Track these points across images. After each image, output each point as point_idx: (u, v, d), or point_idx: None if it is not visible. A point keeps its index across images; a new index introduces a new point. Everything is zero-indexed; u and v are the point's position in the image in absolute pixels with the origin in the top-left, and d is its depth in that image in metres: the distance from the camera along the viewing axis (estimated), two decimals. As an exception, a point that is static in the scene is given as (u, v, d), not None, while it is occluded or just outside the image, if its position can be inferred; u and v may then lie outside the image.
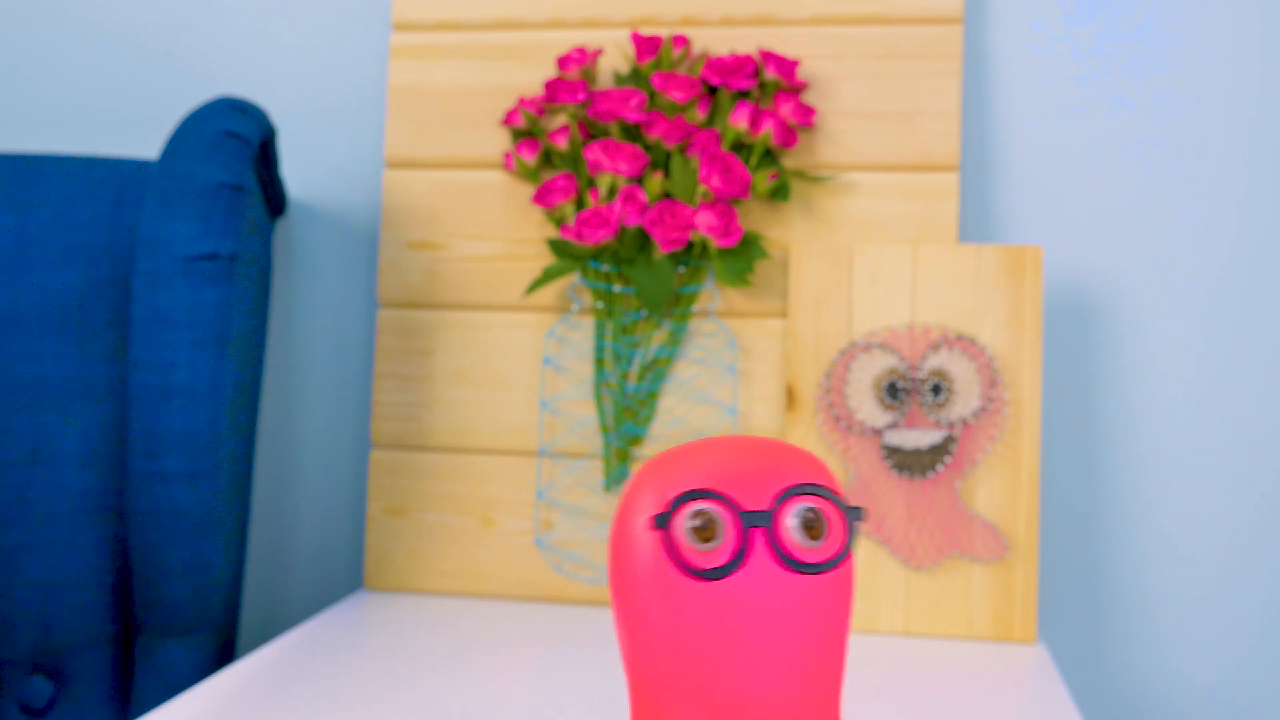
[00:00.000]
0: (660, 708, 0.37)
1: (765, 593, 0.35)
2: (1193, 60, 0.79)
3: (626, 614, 0.37)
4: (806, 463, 0.38)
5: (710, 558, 0.35)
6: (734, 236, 0.73)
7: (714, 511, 0.36)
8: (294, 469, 0.87)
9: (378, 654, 0.64)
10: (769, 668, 0.36)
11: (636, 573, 0.37)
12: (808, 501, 0.36)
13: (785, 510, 0.36)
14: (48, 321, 0.72)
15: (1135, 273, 0.79)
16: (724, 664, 0.36)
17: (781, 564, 0.35)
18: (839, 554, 0.36)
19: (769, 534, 0.36)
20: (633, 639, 0.37)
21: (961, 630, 0.71)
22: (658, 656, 0.37)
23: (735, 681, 0.36)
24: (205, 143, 0.71)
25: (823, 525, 0.36)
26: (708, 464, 0.37)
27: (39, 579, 0.71)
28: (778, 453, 0.38)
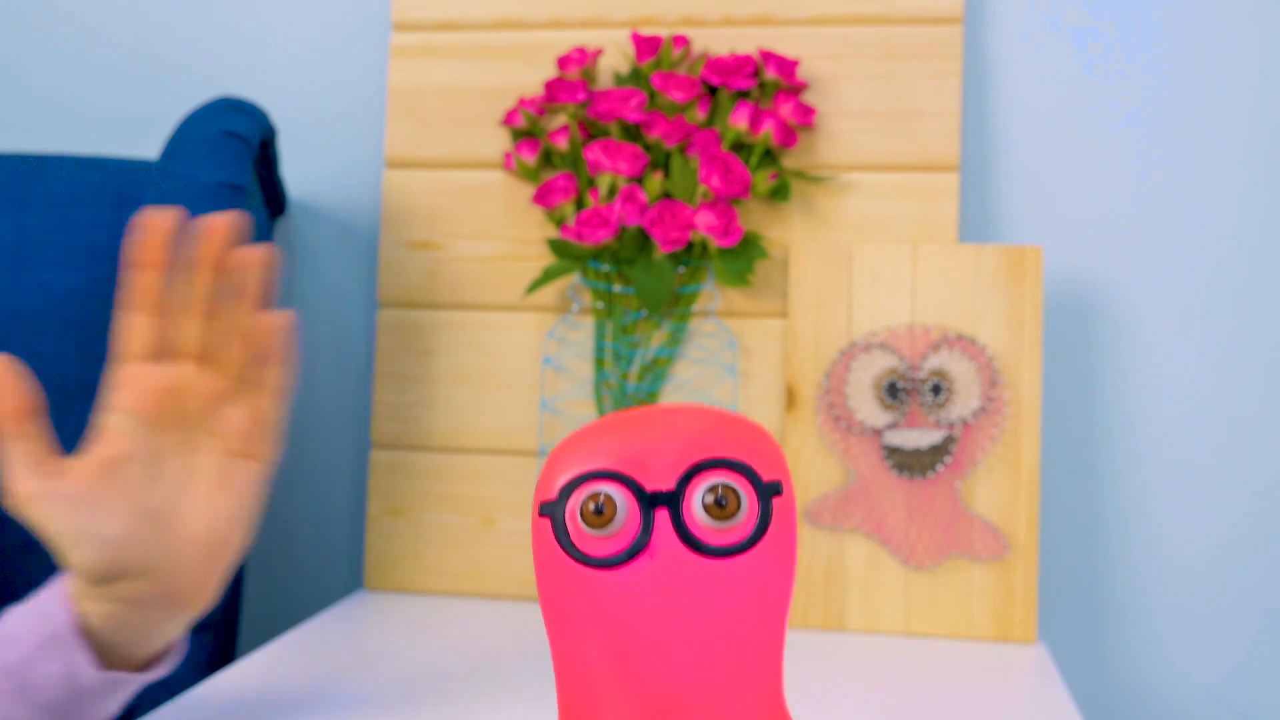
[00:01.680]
0: (583, 704, 0.34)
1: (671, 580, 0.32)
2: (1193, 60, 0.79)
3: (543, 607, 0.35)
4: (725, 432, 0.34)
5: (607, 544, 0.32)
6: (734, 236, 0.73)
7: (611, 493, 0.32)
8: (294, 469, 0.87)
9: (378, 654, 0.64)
10: (688, 660, 0.32)
11: (540, 563, 0.34)
12: (719, 477, 0.32)
13: (694, 488, 0.32)
14: (48, 321, 0.72)
15: (1135, 273, 0.79)
16: (641, 658, 0.33)
17: (689, 548, 0.32)
18: (752, 534, 0.32)
19: (674, 515, 0.32)
20: (549, 632, 0.35)
21: (961, 630, 0.71)
22: (571, 651, 0.34)
23: (656, 676, 0.33)
24: (205, 143, 0.71)
25: (735, 503, 0.32)
26: (610, 441, 0.34)
27: (39, 579, 0.71)
28: (691, 422, 0.34)
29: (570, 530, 0.33)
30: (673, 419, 0.34)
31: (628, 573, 0.32)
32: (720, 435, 0.34)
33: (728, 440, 0.33)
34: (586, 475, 0.33)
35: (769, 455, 0.34)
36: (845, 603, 0.72)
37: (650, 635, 0.32)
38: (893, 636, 0.71)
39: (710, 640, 0.32)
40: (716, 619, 0.32)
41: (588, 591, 0.33)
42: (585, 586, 0.33)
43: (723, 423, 0.34)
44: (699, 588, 0.32)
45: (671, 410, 0.35)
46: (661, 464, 0.33)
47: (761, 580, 0.33)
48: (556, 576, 0.33)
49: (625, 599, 0.32)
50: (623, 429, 0.34)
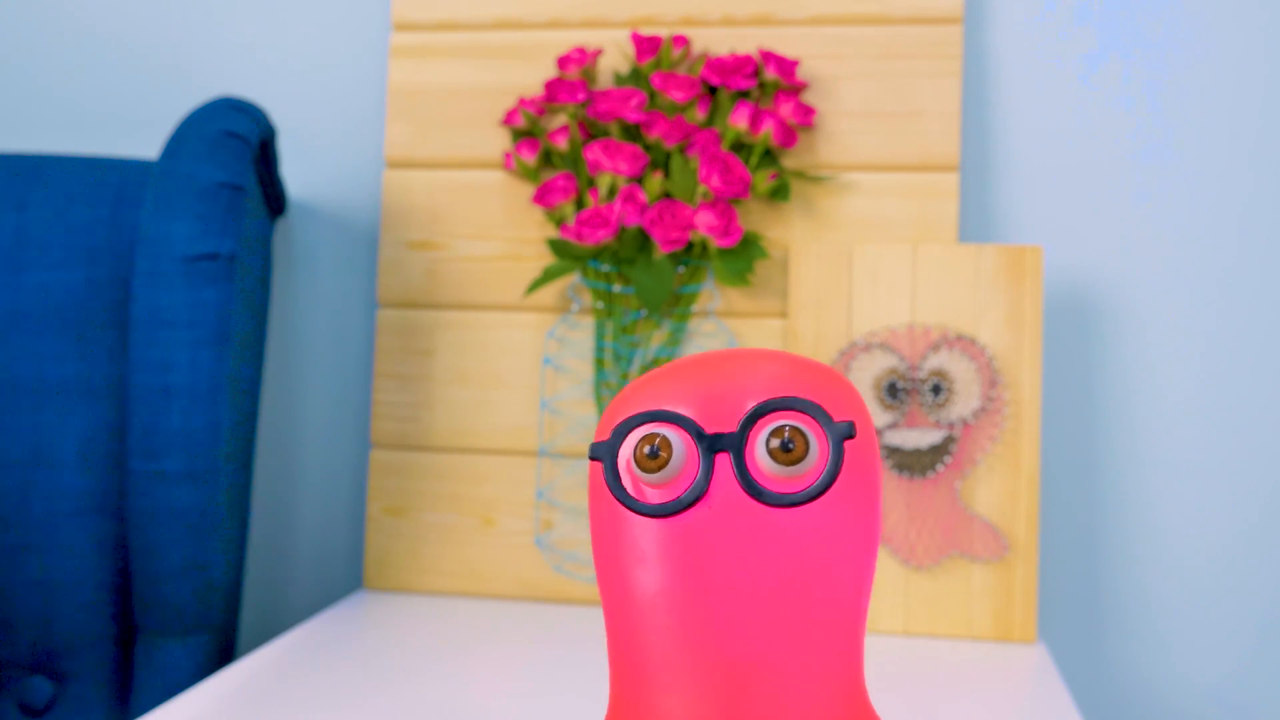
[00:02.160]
0: (635, 663, 0.30)
1: (732, 531, 0.29)
2: (1193, 60, 0.79)
3: (597, 560, 0.32)
4: (793, 372, 0.31)
5: (664, 490, 0.29)
6: (734, 236, 0.73)
7: (667, 435, 0.29)
8: (294, 469, 0.87)
9: (378, 654, 0.64)
10: (750, 620, 0.29)
11: (595, 513, 0.31)
12: (787, 418, 0.29)
13: (758, 431, 0.29)
14: (48, 321, 0.72)
15: (1135, 273, 0.79)
16: (699, 616, 0.29)
17: (751, 495, 0.29)
18: (822, 481, 0.29)
19: (736, 459, 0.29)
20: (604, 589, 0.31)
21: (961, 630, 0.71)
22: (624, 606, 0.30)
23: (715, 637, 0.29)
24: (205, 143, 0.71)
25: (803, 447, 0.29)
26: (672, 382, 0.31)
27: (39, 579, 0.71)
28: (758, 363, 0.31)
29: (623, 475, 0.30)
30: (740, 361, 0.31)
31: (684, 522, 0.29)
32: (788, 375, 0.30)
33: (796, 380, 0.30)
34: (643, 417, 0.30)
35: (842, 396, 0.30)
36: (845, 603, 0.72)
37: (709, 592, 0.29)
38: (893, 636, 0.71)
39: (775, 599, 0.29)
40: (782, 576, 0.29)
41: (641, 541, 0.30)
42: (639, 536, 0.30)
43: (792, 364, 0.31)
44: (762, 540, 0.29)
45: (740, 353, 0.32)
46: (724, 406, 0.30)
47: (833, 534, 0.29)
48: (609, 524, 0.30)
49: (681, 550, 0.29)
50: (688, 371, 0.31)
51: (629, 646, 0.30)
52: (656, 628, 0.30)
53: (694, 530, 0.29)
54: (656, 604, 0.29)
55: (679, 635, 0.29)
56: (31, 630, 0.72)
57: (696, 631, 0.29)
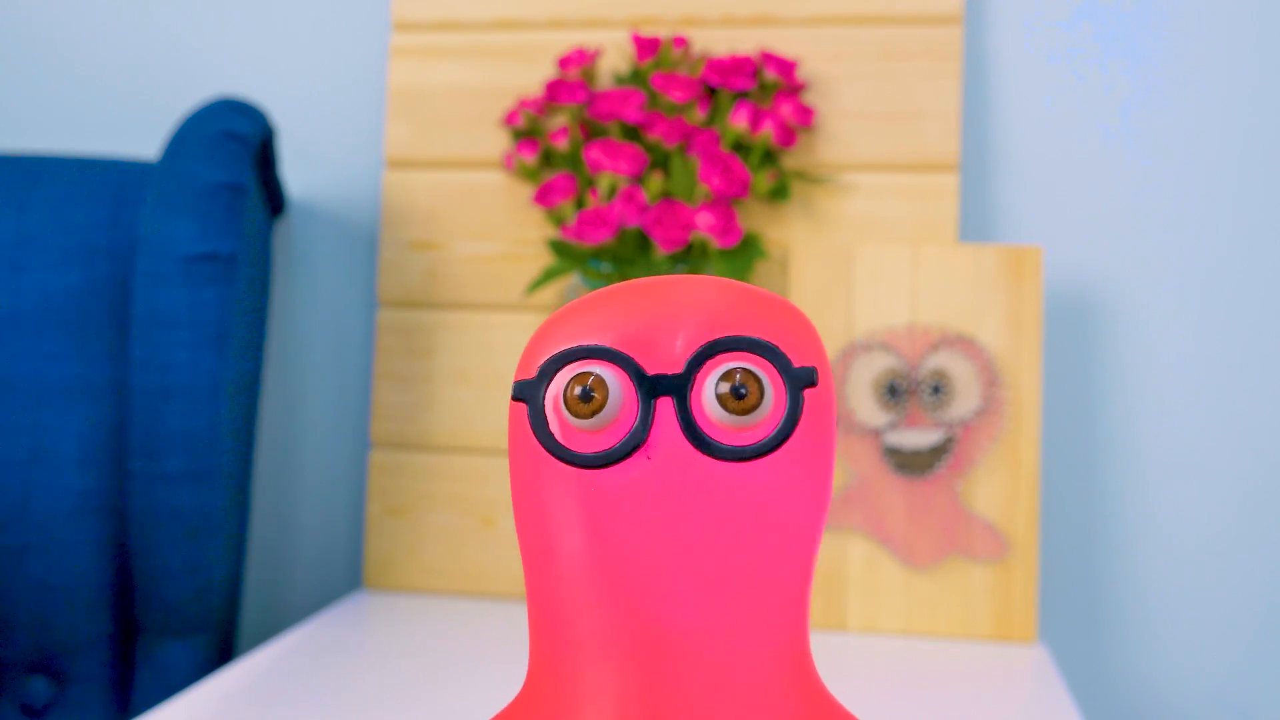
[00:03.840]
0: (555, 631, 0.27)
1: (673, 486, 0.26)
2: (1193, 60, 0.79)
3: (517, 514, 0.28)
4: (749, 308, 0.27)
5: (596, 439, 0.26)
6: (734, 236, 0.73)
7: (603, 374, 0.26)
8: (294, 469, 0.87)
9: (378, 654, 0.64)
10: (689, 585, 0.26)
11: (515, 460, 0.27)
12: (739, 360, 0.26)
13: (707, 374, 0.26)
14: (48, 321, 0.72)
15: (1135, 273, 0.79)
16: (630, 579, 0.26)
17: (696, 447, 0.26)
18: (777, 433, 0.26)
19: (680, 405, 0.26)
20: (523, 545, 0.28)
21: (961, 630, 0.71)
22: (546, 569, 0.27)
23: (648, 602, 0.26)
24: (205, 143, 0.71)
25: (758, 394, 0.25)
26: (612, 314, 0.27)
27: (39, 579, 0.71)
28: (708, 295, 0.27)
29: (550, 419, 0.26)
30: (687, 290, 0.27)
31: (619, 474, 0.26)
32: (741, 310, 0.27)
33: (750, 316, 0.27)
34: (574, 352, 0.26)
35: (802, 338, 0.27)
36: (845, 603, 0.72)
37: (644, 552, 0.26)
38: (893, 636, 0.71)
39: (718, 562, 0.26)
40: (727, 537, 0.26)
41: (569, 495, 0.26)
42: (566, 489, 0.26)
43: (747, 297, 0.27)
44: (707, 497, 0.26)
45: (686, 281, 0.28)
46: (668, 342, 0.26)
47: (786, 492, 0.26)
48: (531, 474, 0.27)
49: (615, 506, 0.26)
50: (625, 299, 0.27)
51: (551, 612, 0.27)
52: (583, 591, 0.26)
53: (630, 483, 0.26)
54: (584, 564, 0.26)
55: (609, 599, 0.26)
56: (31, 630, 0.72)
57: (629, 596, 0.26)
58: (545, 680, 0.28)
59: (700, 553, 0.26)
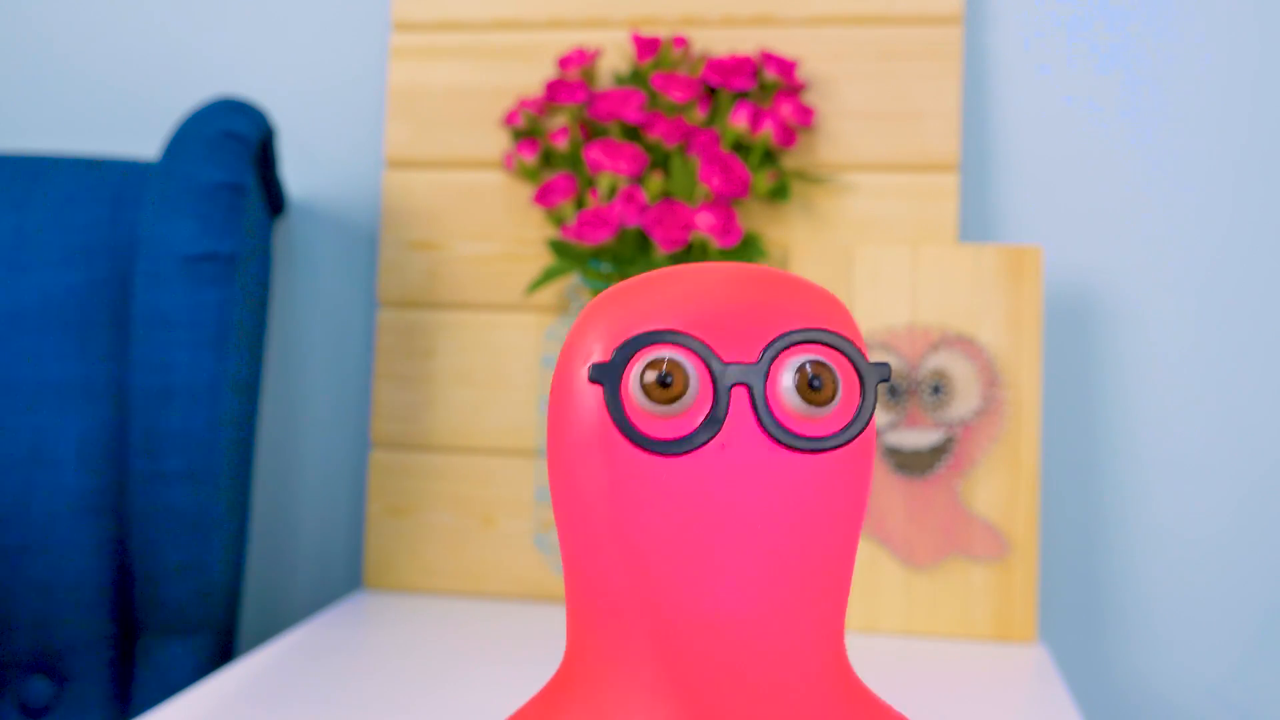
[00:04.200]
0: (601, 624, 0.27)
1: (747, 475, 0.26)
2: (1193, 60, 0.79)
3: (562, 497, 0.28)
4: (816, 300, 0.27)
5: (672, 425, 0.26)
6: (734, 236, 0.73)
7: (681, 361, 0.26)
8: (294, 469, 0.87)
9: (378, 654, 0.64)
10: (748, 577, 0.26)
11: (574, 441, 0.27)
12: (813, 353, 0.26)
13: (781, 364, 0.26)
14: (48, 321, 0.72)
15: (1135, 273, 0.79)
16: (687, 570, 0.26)
17: (771, 437, 0.26)
18: (851, 426, 0.26)
19: (756, 395, 0.26)
20: (569, 531, 0.28)
21: (961, 630, 0.71)
22: (600, 555, 0.27)
23: (700, 594, 0.26)
24: (205, 143, 0.71)
25: (832, 386, 0.26)
26: (678, 296, 0.27)
27: (39, 579, 0.71)
28: (777, 285, 0.27)
29: (625, 403, 0.26)
30: (748, 277, 0.27)
31: (693, 461, 0.26)
32: (811, 301, 0.27)
33: (821, 308, 0.27)
34: (650, 336, 0.26)
35: (858, 332, 0.28)
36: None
37: (708, 540, 0.26)
38: (893, 636, 0.71)
39: (778, 552, 0.26)
40: (791, 528, 0.26)
41: (638, 480, 0.26)
42: (636, 474, 0.26)
43: (807, 287, 0.27)
44: (777, 487, 0.26)
45: (748, 270, 0.28)
46: (743, 331, 0.26)
47: (849, 485, 0.27)
48: (595, 459, 0.26)
49: (686, 493, 0.26)
50: (698, 284, 0.27)
51: (598, 597, 0.27)
52: (641, 577, 0.26)
53: (703, 471, 0.26)
54: (646, 551, 0.26)
55: (668, 586, 0.26)
56: (31, 630, 0.72)
57: (688, 583, 0.26)
58: (585, 665, 0.28)
59: (762, 542, 0.26)
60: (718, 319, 0.26)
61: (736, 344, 0.26)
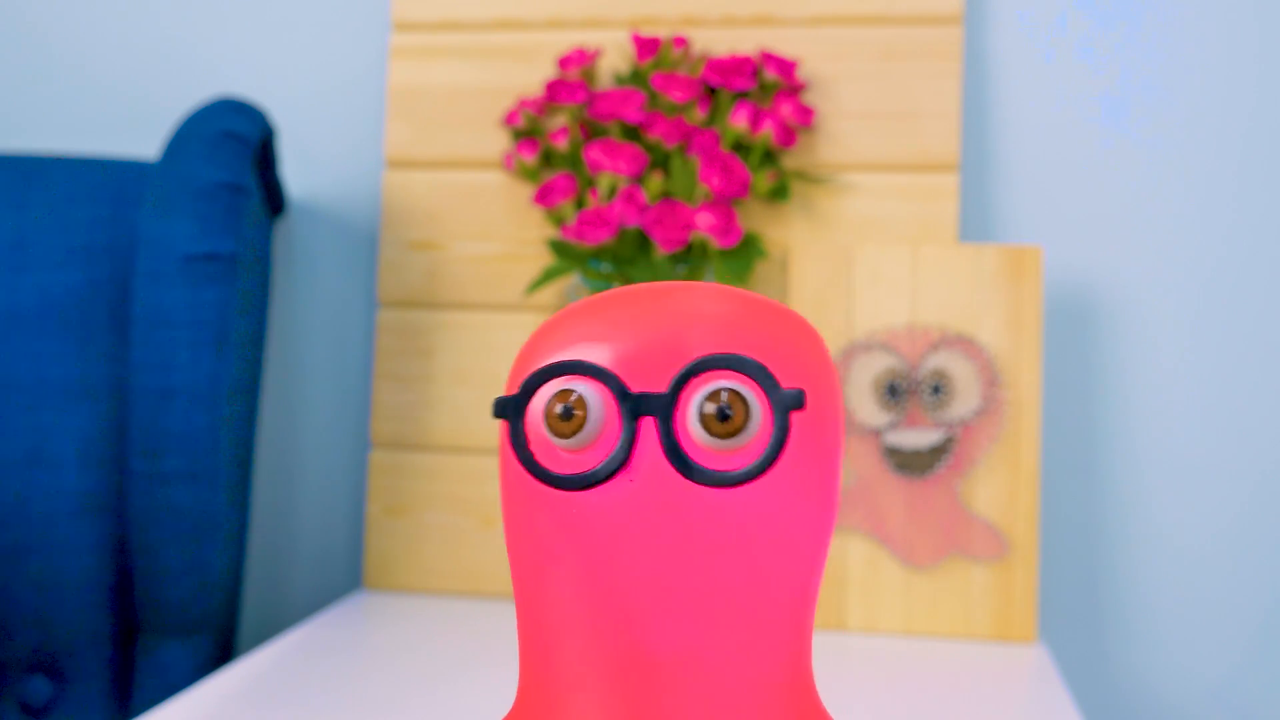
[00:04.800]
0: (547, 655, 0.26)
1: (656, 510, 0.25)
2: (1193, 60, 0.79)
3: (506, 529, 0.27)
4: (739, 319, 0.26)
5: (578, 459, 0.25)
6: (734, 236, 0.73)
7: (584, 392, 0.25)
8: (294, 469, 0.87)
9: (378, 654, 0.64)
10: (674, 612, 0.25)
11: (504, 475, 0.27)
12: (726, 379, 0.25)
13: (689, 393, 0.25)
14: (48, 321, 0.72)
15: (1135, 273, 0.79)
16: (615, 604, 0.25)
17: (679, 470, 0.24)
18: (763, 459, 0.24)
19: (663, 427, 0.25)
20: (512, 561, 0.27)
21: (961, 630, 0.71)
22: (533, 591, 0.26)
23: (633, 628, 0.25)
24: (205, 143, 0.71)
25: (743, 416, 0.24)
26: (592, 324, 0.26)
27: (39, 579, 0.71)
28: (695, 304, 0.26)
29: (531, 438, 0.25)
30: (682, 301, 0.26)
31: (601, 496, 0.25)
32: (734, 323, 0.25)
33: (743, 330, 0.25)
34: (555, 368, 0.25)
35: (802, 352, 0.26)
36: (845, 603, 0.72)
37: (628, 576, 0.25)
38: (893, 636, 0.71)
39: (705, 588, 0.25)
40: (714, 562, 0.25)
41: (552, 516, 0.25)
42: (549, 509, 0.25)
43: (746, 310, 0.26)
44: (691, 521, 0.25)
45: (684, 290, 0.27)
46: (654, 358, 0.25)
47: (777, 517, 0.25)
48: (516, 494, 0.26)
49: (597, 529, 0.25)
50: (616, 309, 0.26)
51: (538, 632, 0.27)
52: (569, 613, 0.26)
53: (612, 506, 0.25)
54: (569, 586, 0.25)
55: (594, 623, 0.25)
56: (31, 630, 0.72)
57: (614, 620, 0.25)
58: (533, 701, 0.27)
59: (686, 577, 0.25)
60: (630, 346, 0.25)
61: (649, 373, 0.25)
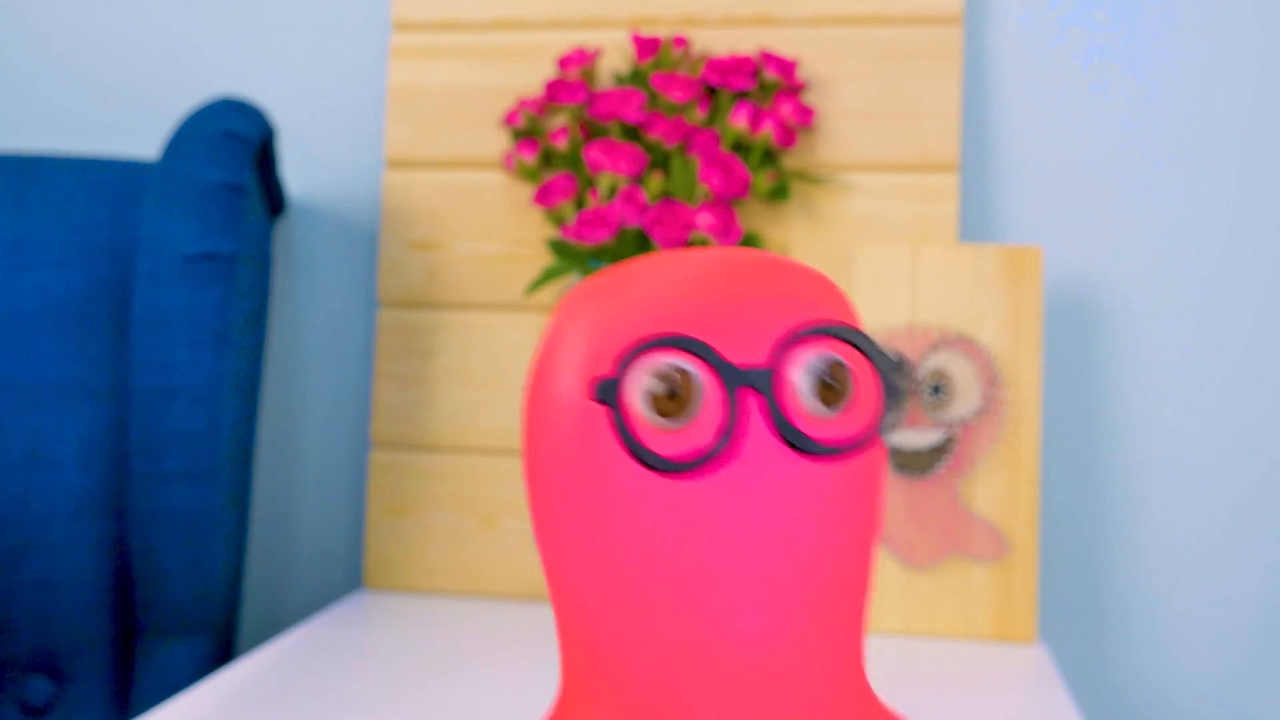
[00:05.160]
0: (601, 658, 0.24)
1: (765, 489, 0.23)
2: (1193, 60, 0.79)
3: (547, 520, 0.25)
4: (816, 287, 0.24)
5: (676, 440, 0.23)
6: (734, 236, 0.73)
7: (689, 369, 0.23)
8: (294, 469, 0.87)
9: (378, 654, 0.64)
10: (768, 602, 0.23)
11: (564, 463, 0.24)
12: (826, 349, 0.23)
13: (791, 363, 0.23)
14: (48, 321, 0.72)
15: (1135, 273, 0.79)
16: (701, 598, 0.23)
17: (790, 445, 0.23)
18: (870, 428, 0.23)
19: (770, 400, 0.23)
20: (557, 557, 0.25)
21: (961, 630, 0.71)
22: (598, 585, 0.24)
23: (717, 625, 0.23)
24: (205, 143, 0.71)
25: (848, 385, 0.23)
26: (669, 292, 0.23)
27: (39, 579, 0.71)
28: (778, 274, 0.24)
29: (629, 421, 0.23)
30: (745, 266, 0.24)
31: (705, 479, 0.23)
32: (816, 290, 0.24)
33: (827, 297, 0.24)
34: (652, 343, 0.23)
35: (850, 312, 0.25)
36: (845, 603, 0.72)
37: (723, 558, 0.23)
38: (893, 636, 0.71)
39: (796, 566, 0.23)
40: (811, 539, 0.23)
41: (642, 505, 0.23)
42: (640, 498, 0.23)
43: (809, 274, 0.24)
44: (796, 497, 0.23)
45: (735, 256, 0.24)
46: (746, 328, 0.23)
47: (868, 491, 0.24)
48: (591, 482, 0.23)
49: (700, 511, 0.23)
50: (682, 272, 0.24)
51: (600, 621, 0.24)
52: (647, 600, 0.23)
53: (718, 489, 0.23)
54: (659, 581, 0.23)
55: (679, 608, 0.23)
56: (31, 630, 0.72)
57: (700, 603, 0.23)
58: (586, 692, 0.25)
59: (780, 556, 0.23)
60: (717, 316, 0.23)
61: (741, 343, 0.23)
